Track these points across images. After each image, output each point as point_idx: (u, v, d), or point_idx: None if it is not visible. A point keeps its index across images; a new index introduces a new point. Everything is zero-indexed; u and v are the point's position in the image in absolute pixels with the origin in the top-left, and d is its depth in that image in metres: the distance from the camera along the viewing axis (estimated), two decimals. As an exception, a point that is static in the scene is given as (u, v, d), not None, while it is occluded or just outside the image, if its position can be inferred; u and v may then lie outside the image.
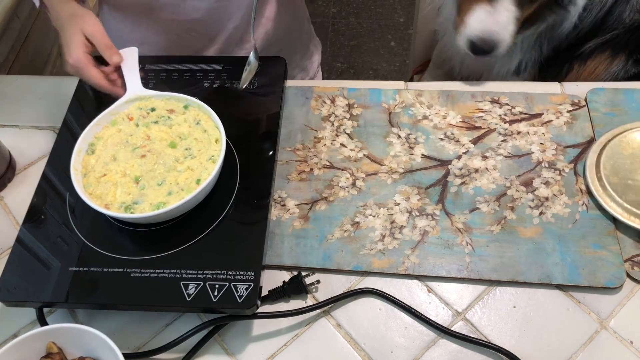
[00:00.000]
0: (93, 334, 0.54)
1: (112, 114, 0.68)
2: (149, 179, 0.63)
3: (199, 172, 0.63)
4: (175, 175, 0.63)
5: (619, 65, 0.91)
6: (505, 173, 0.71)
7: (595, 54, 0.91)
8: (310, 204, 0.69)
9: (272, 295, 0.62)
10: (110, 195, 0.62)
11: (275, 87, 0.75)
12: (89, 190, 0.62)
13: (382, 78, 1.96)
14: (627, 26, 0.86)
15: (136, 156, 0.65)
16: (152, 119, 0.68)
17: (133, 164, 0.64)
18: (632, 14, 0.85)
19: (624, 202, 0.65)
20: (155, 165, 0.64)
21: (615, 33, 0.87)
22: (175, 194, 0.62)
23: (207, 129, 0.67)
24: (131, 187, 0.63)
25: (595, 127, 0.74)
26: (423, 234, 0.66)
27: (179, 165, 0.64)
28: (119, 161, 0.64)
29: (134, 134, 0.67)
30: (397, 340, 0.60)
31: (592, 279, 0.62)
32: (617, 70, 0.91)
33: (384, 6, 2.16)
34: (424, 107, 0.77)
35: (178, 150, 0.65)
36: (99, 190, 0.62)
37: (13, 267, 0.61)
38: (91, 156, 0.65)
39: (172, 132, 0.67)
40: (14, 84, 0.86)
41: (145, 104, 0.69)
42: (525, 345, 0.59)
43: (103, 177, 0.63)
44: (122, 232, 0.63)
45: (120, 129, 0.67)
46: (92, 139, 0.66)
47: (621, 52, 0.90)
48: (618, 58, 0.90)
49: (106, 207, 0.61)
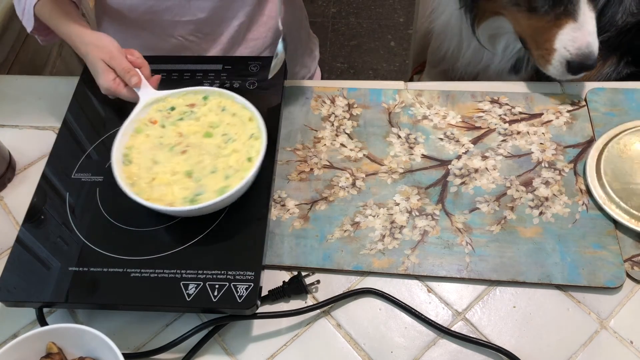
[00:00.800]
0: (93, 334, 0.54)
1: (133, 123, 0.67)
2: (200, 170, 0.63)
3: (246, 151, 0.64)
4: (224, 160, 0.64)
5: (611, 67, 0.91)
6: (505, 173, 0.71)
7: None
8: (310, 204, 0.69)
9: (272, 295, 0.62)
10: (169, 195, 0.62)
11: (275, 87, 0.75)
12: (144, 197, 0.61)
13: (382, 78, 1.96)
14: (619, 28, 0.86)
15: (177, 154, 0.65)
16: (176, 117, 0.68)
17: (178, 161, 0.64)
18: (625, 16, 0.85)
19: (630, 208, 0.64)
20: (201, 157, 0.64)
21: (607, 35, 0.87)
22: (233, 176, 0.62)
23: (235, 112, 0.68)
24: (186, 182, 0.63)
25: (595, 127, 0.74)
26: (423, 234, 0.66)
27: (223, 151, 0.65)
28: (162, 163, 0.64)
29: (164, 135, 0.67)
30: (397, 340, 0.60)
31: (592, 279, 0.62)
32: (609, 72, 0.91)
33: (384, 6, 2.16)
34: (423, 107, 0.77)
35: (216, 138, 0.66)
36: (155, 194, 0.62)
37: (13, 267, 0.61)
38: (130, 166, 0.64)
39: (202, 124, 0.67)
40: (14, 84, 0.86)
41: (163, 105, 0.69)
42: (525, 345, 0.59)
43: (153, 181, 0.63)
44: (122, 232, 0.63)
45: (148, 134, 0.67)
46: (124, 150, 0.65)
47: (613, 54, 0.90)
48: (610, 60, 0.91)
49: (170, 206, 0.61)
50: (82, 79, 0.79)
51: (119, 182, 0.61)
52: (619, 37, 0.87)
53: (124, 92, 0.69)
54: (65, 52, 1.33)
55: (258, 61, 0.78)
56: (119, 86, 0.69)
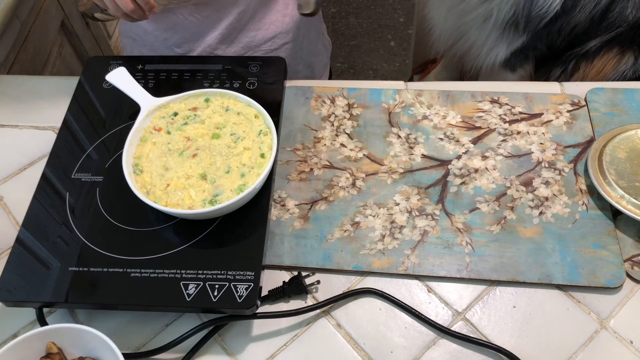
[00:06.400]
0: (93, 334, 0.54)
1: (138, 132, 0.67)
2: (214, 172, 0.64)
3: (258, 148, 0.65)
4: (236, 159, 0.64)
5: (628, 63, 0.90)
6: (505, 173, 0.71)
7: (602, 52, 0.90)
8: (310, 204, 0.69)
9: (272, 296, 0.62)
10: (186, 199, 0.62)
11: (275, 87, 0.75)
12: (162, 204, 0.61)
13: (382, 78, 1.97)
14: (630, 23, 0.86)
15: (188, 158, 0.65)
16: (180, 122, 0.68)
17: (190, 165, 0.64)
18: (636, 11, 0.85)
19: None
20: (212, 159, 0.65)
21: (620, 30, 0.87)
22: (248, 174, 0.63)
23: (240, 111, 0.68)
24: (202, 184, 0.63)
25: (595, 127, 0.74)
26: (423, 234, 0.66)
27: (235, 150, 0.65)
28: (173, 168, 0.64)
29: (171, 141, 0.67)
30: (397, 340, 0.60)
31: (592, 278, 0.62)
32: (626, 69, 0.91)
33: (384, 6, 2.16)
34: (423, 107, 0.77)
35: (224, 139, 0.66)
36: (173, 200, 0.62)
37: (13, 267, 0.61)
38: (142, 175, 0.64)
39: (207, 126, 0.67)
40: (14, 84, 0.86)
41: (165, 111, 0.69)
42: (525, 345, 0.59)
43: (167, 187, 0.63)
44: (122, 232, 0.63)
45: (155, 142, 0.67)
46: (133, 160, 0.65)
47: (629, 49, 0.89)
48: (627, 56, 0.90)
49: (190, 209, 0.61)
50: (82, 79, 0.79)
51: (135, 192, 0.60)
52: (631, 31, 0.87)
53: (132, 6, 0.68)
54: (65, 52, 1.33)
55: (258, 61, 0.78)
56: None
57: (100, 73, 0.77)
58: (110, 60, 0.79)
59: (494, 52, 0.94)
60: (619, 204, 0.65)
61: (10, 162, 0.76)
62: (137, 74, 0.77)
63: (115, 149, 0.70)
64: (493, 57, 0.94)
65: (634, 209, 0.64)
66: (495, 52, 0.94)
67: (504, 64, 0.95)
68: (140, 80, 0.75)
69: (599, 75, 0.91)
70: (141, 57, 0.82)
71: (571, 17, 0.86)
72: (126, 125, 0.72)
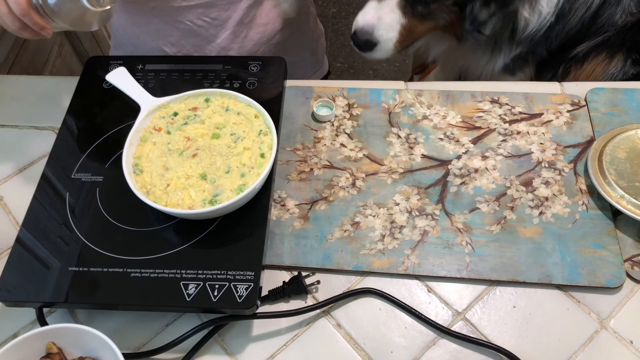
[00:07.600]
0: (93, 334, 0.54)
1: (138, 132, 0.67)
2: (214, 172, 0.63)
3: (258, 148, 0.65)
4: (236, 159, 0.64)
5: (617, 66, 0.91)
6: (505, 173, 0.71)
7: (591, 56, 0.91)
8: (310, 204, 0.69)
9: (272, 296, 0.62)
10: (186, 198, 0.61)
11: (275, 87, 0.75)
12: (161, 204, 0.61)
13: (382, 78, 1.96)
14: (619, 28, 0.87)
15: (188, 158, 0.65)
16: (180, 122, 0.68)
17: (190, 165, 0.64)
18: (625, 16, 0.85)
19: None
20: (212, 159, 0.64)
21: (608, 35, 0.87)
22: (248, 174, 0.63)
23: (240, 111, 0.68)
24: (202, 184, 0.63)
25: (595, 127, 0.74)
26: (423, 234, 0.66)
27: (234, 150, 0.65)
28: (173, 168, 0.64)
29: (171, 141, 0.66)
30: (397, 340, 0.60)
31: (592, 278, 0.62)
32: (615, 72, 0.91)
33: (384, 6, 2.16)
34: (423, 107, 0.77)
35: (224, 139, 0.66)
36: (173, 200, 0.62)
37: (13, 267, 0.61)
38: (142, 175, 0.64)
39: (207, 126, 0.67)
40: (14, 84, 0.86)
41: (165, 111, 0.69)
42: (525, 345, 0.59)
43: (167, 187, 0.62)
44: (122, 232, 0.63)
45: (155, 142, 0.67)
46: (133, 160, 0.65)
47: (618, 52, 0.90)
48: (616, 59, 0.91)
49: (190, 209, 0.60)
50: (82, 79, 0.79)
51: (135, 192, 0.60)
52: (619, 35, 0.88)
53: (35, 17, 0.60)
54: (65, 52, 1.33)
55: (258, 61, 0.78)
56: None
57: (100, 73, 0.77)
58: (110, 60, 0.79)
59: (492, 63, 0.95)
60: (619, 204, 0.65)
61: (10, 162, 0.76)
62: (137, 74, 0.77)
63: (115, 149, 0.70)
64: (491, 66, 0.95)
65: (634, 209, 0.64)
66: (492, 63, 0.94)
67: (504, 69, 0.96)
68: (141, 80, 0.75)
69: (589, 79, 0.92)
70: (141, 57, 0.82)
71: (566, 22, 0.86)
72: (126, 125, 0.72)
